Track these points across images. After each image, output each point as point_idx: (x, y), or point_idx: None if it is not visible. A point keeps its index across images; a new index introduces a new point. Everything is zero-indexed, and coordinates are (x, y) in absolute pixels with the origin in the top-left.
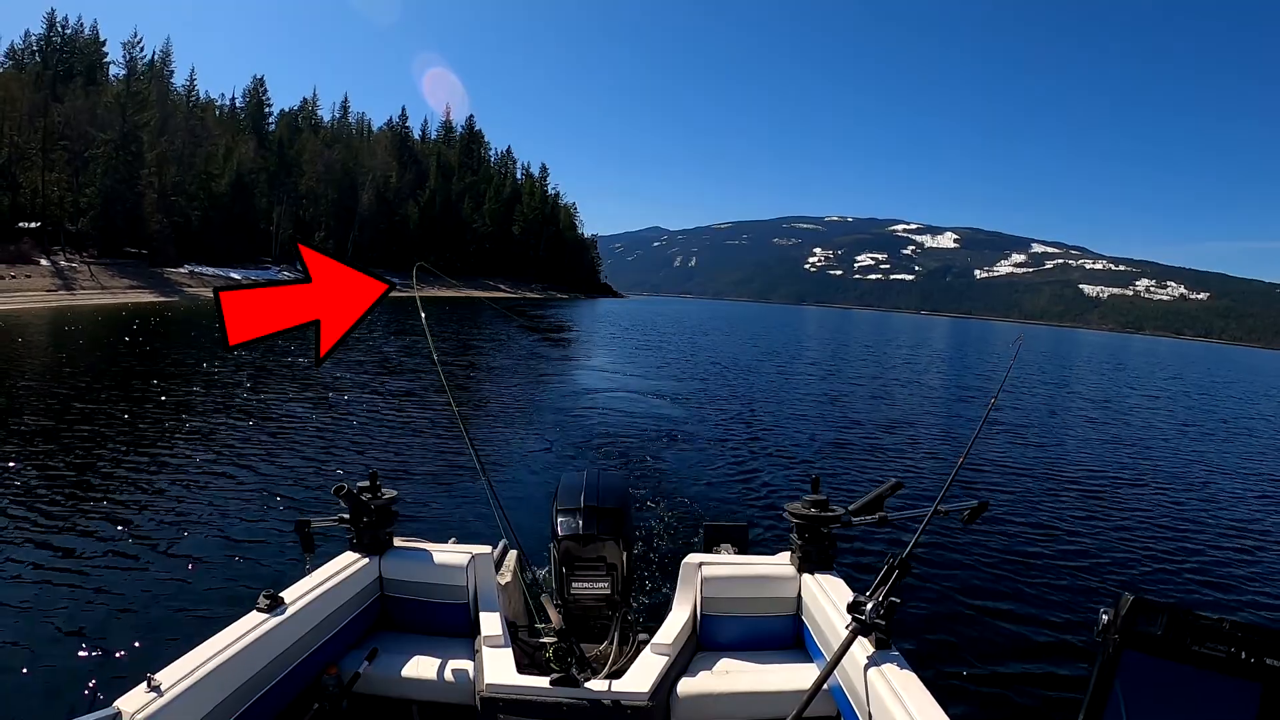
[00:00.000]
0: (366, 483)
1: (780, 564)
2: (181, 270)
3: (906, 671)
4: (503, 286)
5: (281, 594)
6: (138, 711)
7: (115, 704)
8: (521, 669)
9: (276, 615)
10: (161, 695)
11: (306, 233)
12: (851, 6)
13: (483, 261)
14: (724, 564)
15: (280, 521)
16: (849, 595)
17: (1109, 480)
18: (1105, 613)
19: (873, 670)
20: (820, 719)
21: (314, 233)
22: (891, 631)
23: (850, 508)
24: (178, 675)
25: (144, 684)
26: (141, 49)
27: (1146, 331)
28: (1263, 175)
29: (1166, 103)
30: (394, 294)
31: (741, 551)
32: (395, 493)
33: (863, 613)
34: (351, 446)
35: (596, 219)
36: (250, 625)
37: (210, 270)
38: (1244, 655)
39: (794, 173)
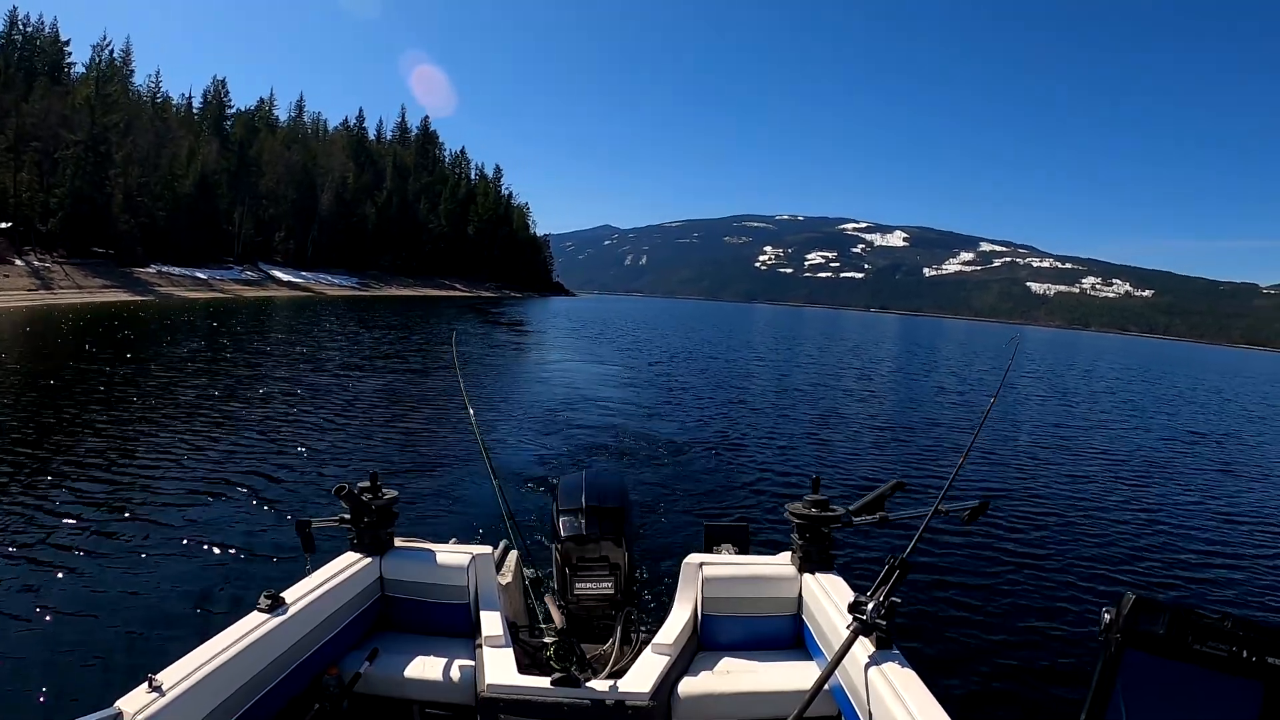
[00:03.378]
0: (367, 483)
1: (781, 564)
2: (150, 270)
3: (908, 671)
4: (458, 286)
5: (282, 594)
6: (138, 712)
7: (115, 704)
8: (522, 669)
9: (277, 615)
10: (162, 695)
11: (268, 233)
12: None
13: (438, 261)
14: (724, 564)
15: (280, 521)
16: (850, 595)
17: (1110, 479)
18: (1107, 612)
19: (874, 670)
20: (821, 719)
21: (274, 233)
22: (892, 631)
23: (851, 508)
24: (178, 675)
25: (144, 684)
26: (110, 51)
27: (1093, 328)
28: (1206, 175)
29: (1118, 101)
30: (365, 293)
31: (742, 551)
32: (396, 493)
33: (864, 613)
34: (352, 446)
35: (549, 217)
36: (251, 625)
37: (177, 270)
38: (1246, 654)
39: (746, 172)
